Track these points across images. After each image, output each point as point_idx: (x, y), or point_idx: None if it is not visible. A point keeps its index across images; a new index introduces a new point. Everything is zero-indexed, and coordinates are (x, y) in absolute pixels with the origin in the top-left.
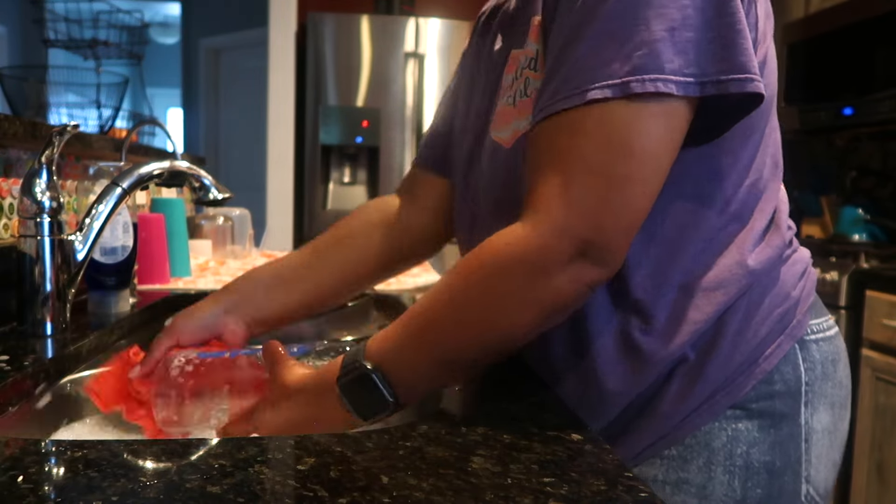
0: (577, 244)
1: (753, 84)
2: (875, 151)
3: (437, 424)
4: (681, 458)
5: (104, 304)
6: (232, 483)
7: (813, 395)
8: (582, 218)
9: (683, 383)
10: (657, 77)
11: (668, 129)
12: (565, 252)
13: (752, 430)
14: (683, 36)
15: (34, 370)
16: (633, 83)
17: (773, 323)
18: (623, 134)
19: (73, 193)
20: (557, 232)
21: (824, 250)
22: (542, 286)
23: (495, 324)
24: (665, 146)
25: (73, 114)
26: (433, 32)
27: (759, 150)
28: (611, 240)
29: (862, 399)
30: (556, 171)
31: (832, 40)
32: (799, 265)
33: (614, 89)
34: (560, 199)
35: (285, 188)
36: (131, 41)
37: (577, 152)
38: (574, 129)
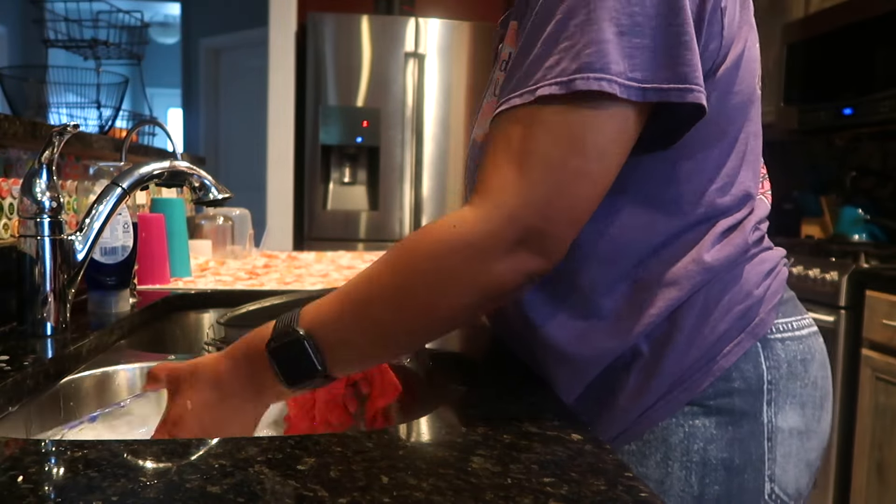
0: (522, 232)
1: (693, 94)
2: (875, 151)
3: (437, 424)
4: (640, 453)
5: (104, 304)
6: (232, 483)
7: (777, 393)
8: (531, 207)
9: (640, 378)
10: (602, 76)
11: (619, 129)
12: (509, 239)
13: (709, 427)
14: (631, 41)
15: (34, 370)
16: (578, 80)
17: (733, 320)
18: (577, 130)
19: (73, 193)
20: (504, 218)
21: (824, 250)
22: (482, 270)
23: (433, 304)
24: (615, 145)
25: (73, 114)
26: (433, 32)
27: (730, 156)
28: (556, 231)
29: (862, 399)
30: (510, 160)
31: (832, 40)
32: (766, 264)
33: (561, 86)
34: (510, 187)
35: (285, 188)
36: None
37: (533, 144)
38: (530, 122)
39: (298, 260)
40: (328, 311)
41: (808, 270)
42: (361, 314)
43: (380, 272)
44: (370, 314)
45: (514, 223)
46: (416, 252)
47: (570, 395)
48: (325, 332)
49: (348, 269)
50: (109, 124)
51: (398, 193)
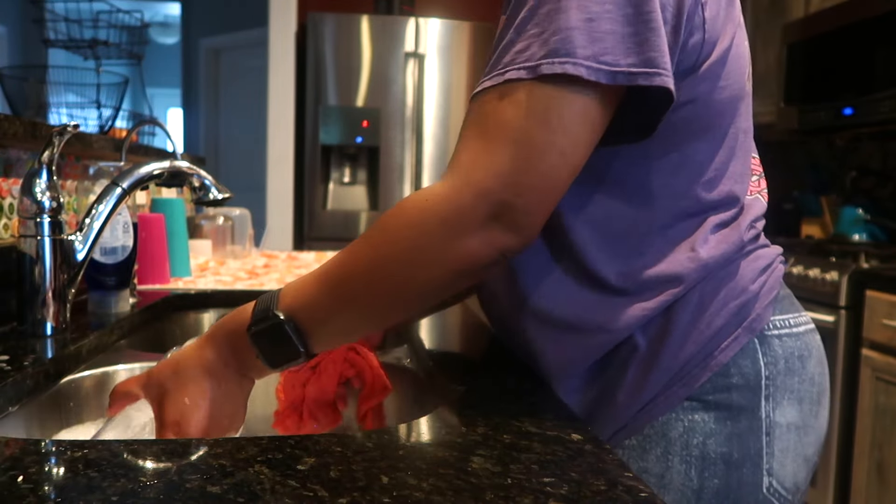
0: (493, 205)
1: (661, 78)
2: (875, 151)
3: (437, 424)
4: (640, 448)
5: (104, 304)
6: (232, 483)
7: (775, 389)
8: (499, 179)
9: (638, 373)
10: (567, 60)
11: (585, 112)
12: (480, 212)
13: (708, 422)
14: (601, 27)
15: (34, 370)
16: (544, 65)
17: (729, 315)
18: (542, 105)
19: (73, 193)
20: (474, 191)
21: (824, 250)
22: (454, 245)
23: (408, 279)
24: (583, 123)
25: (73, 114)
26: (433, 32)
27: (718, 150)
28: (526, 205)
29: (862, 399)
30: (479, 135)
31: (832, 40)
32: (762, 260)
33: (528, 70)
34: (480, 161)
35: (285, 188)
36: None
37: (500, 119)
38: (498, 101)
39: (298, 260)
40: (307, 292)
41: (808, 270)
42: (338, 292)
43: (355, 250)
44: (347, 292)
45: (484, 197)
46: (389, 228)
47: (569, 386)
48: (305, 313)
49: None
50: (109, 124)
51: (398, 193)
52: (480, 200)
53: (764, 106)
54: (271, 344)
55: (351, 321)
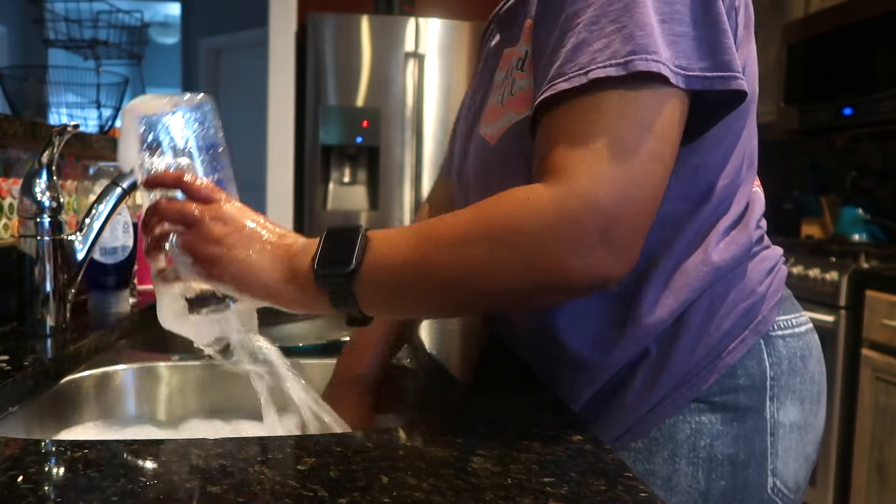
0: (601, 220)
1: (737, 82)
2: (875, 151)
3: (437, 424)
4: (646, 451)
5: (104, 304)
6: (232, 483)
7: (779, 389)
8: (608, 191)
9: (647, 376)
10: (658, 59)
11: (680, 114)
12: (588, 228)
13: (715, 423)
14: (673, 29)
15: (34, 370)
16: (636, 61)
17: (737, 317)
18: (645, 111)
19: (73, 193)
20: (583, 202)
21: (824, 250)
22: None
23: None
24: (679, 130)
25: (73, 114)
26: (433, 32)
27: (733, 152)
28: (632, 220)
29: (862, 399)
30: (578, 145)
31: (832, 40)
32: (767, 262)
33: (618, 67)
34: (587, 169)
35: (285, 188)
36: (131, 41)
37: (602, 127)
38: (591, 107)
39: None
40: (396, 237)
41: (808, 270)
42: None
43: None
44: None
45: (592, 208)
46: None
47: (580, 400)
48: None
49: None
50: (109, 124)
51: (398, 193)
52: (590, 213)
53: (764, 106)
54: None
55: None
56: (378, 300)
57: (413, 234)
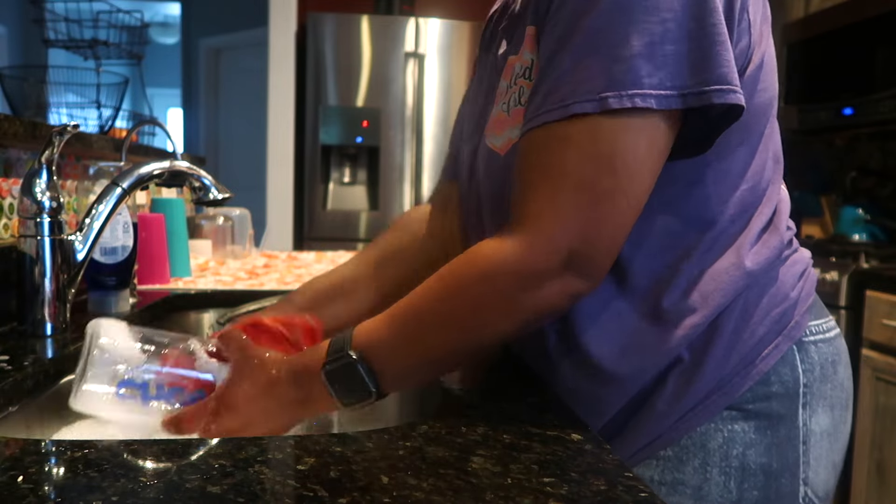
0: (565, 257)
1: (734, 95)
2: (875, 151)
3: (437, 424)
4: (676, 459)
5: (104, 304)
6: (232, 483)
7: (811, 396)
8: (569, 231)
9: (679, 383)
10: (636, 92)
11: (651, 143)
12: (554, 264)
13: (748, 432)
14: (664, 49)
15: (34, 370)
16: (610, 98)
17: (771, 323)
18: (607, 148)
19: (73, 193)
20: (545, 245)
21: (824, 250)
22: (529, 297)
23: (480, 328)
24: (649, 160)
25: (73, 114)
26: (433, 32)
27: (757, 153)
28: (597, 252)
29: (862, 399)
30: (544, 184)
31: (832, 40)
32: (798, 266)
33: (594, 104)
34: (548, 212)
35: (285, 188)
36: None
37: (565, 166)
38: (561, 141)
39: (298, 260)
40: (380, 334)
41: None
42: (411, 339)
43: (427, 297)
44: (418, 337)
45: (555, 249)
46: (462, 279)
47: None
48: (378, 355)
49: None
50: (109, 124)
51: (398, 193)
52: (552, 253)
53: None
54: (344, 382)
55: (421, 364)
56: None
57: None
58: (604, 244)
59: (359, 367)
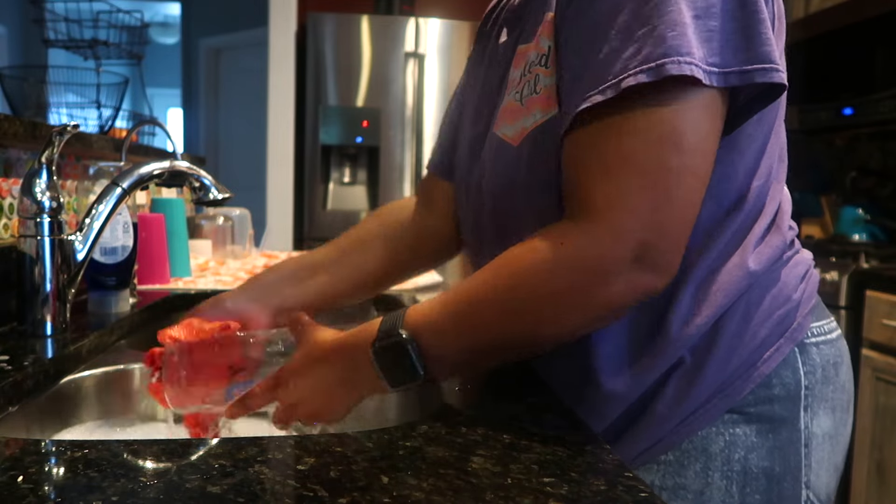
0: (635, 248)
1: (778, 74)
2: (875, 151)
3: (437, 424)
4: (678, 464)
5: (104, 304)
6: (232, 483)
7: (813, 399)
8: (639, 219)
9: (680, 386)
10: (691, 61)
11: (712, 119)
12: (624, 258)
13: (750, 435)
14: (707, 24)
15: (34, 370)
16: (668, 65)
17: (773, 325)
18: (669, 127)
19: (73, 193)
20: (615, 235)
21: (824, 250)
22: (596, 292)
23: (540, 322)
24: (711, 136)
25: (73, 114)
26: (433, 32)
27: (766, 150)
28: (669, 241)
29: (862, 399)
30: (607, 172)
31: (832, 40)
32: (801, 267)
33: (649, 73)
34: (615, 201)
35: (285, 188)
36: (131, 41)
37: (628, 152)
38: (620, 128)
39: None
40: (433, 317)
41: None
42: (466, 325)
43: (486, 286)
44: (474, 326)
45: (624, 240)
46: (524, 269)
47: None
48: (429, 337)
49: None
50: (109, 124)
51: (398, 193)
52: (621, 244)
53: None
54: (393, 362)
55: (474, 352)
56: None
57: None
58: (675, 231)
59: (409, 347)
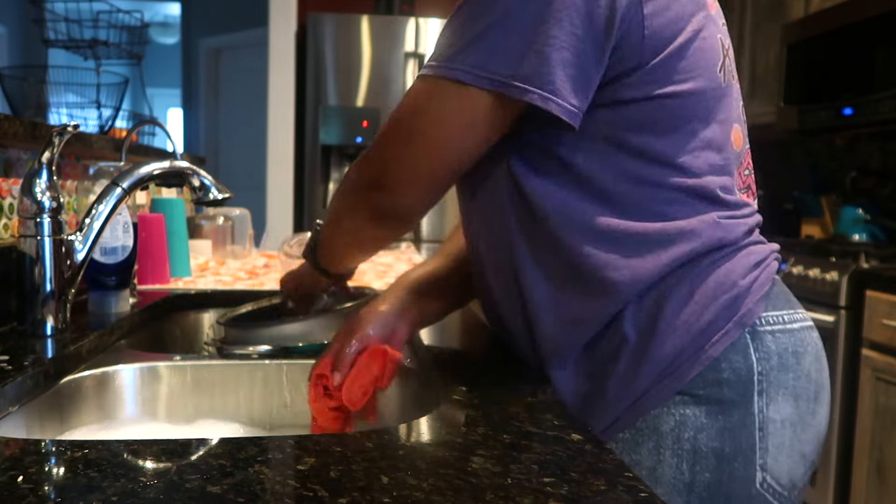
0: (370, 178)
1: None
2: (875, 151)
3: (437, 424)
4: (633, 441)
5: (104, 304)
6: (232, 483)
7: (768, 384)
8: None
9: (629, 366)
10: (456, 67)
11: (462, 109)
12: (363, 181)
13: (699, 416)
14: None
15: (34, 370)
16: (439, 67)
17: (719, 310)
18: (422, 98)
19: (73, 193)
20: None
21: (824, 250)
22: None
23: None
24: (457, 120)
25: (73, 114)
26: (433, 32)
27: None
28: (392, 182)
29: (862, 399)
30: (388, 119)
31: (832, 40)
32: (754, 256)
33: (429, 69)
34: (377, 139)
35: (285, 188)
36: (131, 41)
37: (399, 108)
38: (410, 94)
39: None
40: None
41: (808, 270)
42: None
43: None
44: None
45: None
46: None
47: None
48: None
49: None
50: (109, 124)
51: None
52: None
53: (764, 106)
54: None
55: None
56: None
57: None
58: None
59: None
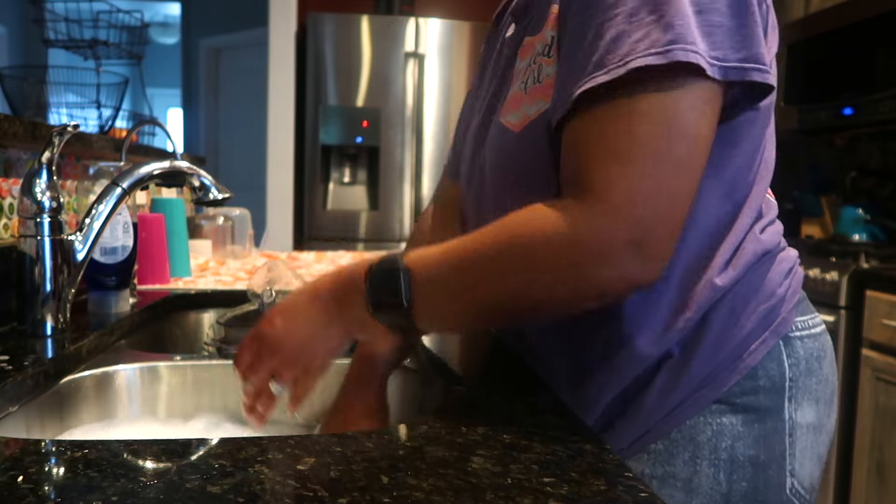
0: (632, 231)
1: (768, 76)
2: (875, 151)
3: (437, 424)
4: (667, 453)
5: (104, 304)
6: (232, 483)
7: (797, 390)
8: (639, 203)
9: (668, 378)
10: (696, 50)
11: (711, 111)
12: (619, 240)
13: (736, 425)
14: (710, 19)
15: (34, 370)
16: (676, 51)
17: (758, 319)
18: (673, 113)
19: (73, 193)
20: (615, 216)
21: (824, 250)
22: (588, 271)
23: (529, 284)
24: (711, 128)
25: (73, 114)
26: (433, 32)
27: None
28: (665, 229)
29: (862, 399)
30: (614, 155)
31: (832, 40)
32: (785, 263)
33: (658, 56)
34: (619, 183)
35: (285, 188)
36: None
37: (635, 135)
38: (624, 108)
39: (298, 260)
40: (432, 259)
41: (808, 270)
42: (458, 274)
43: (485, 239)
44: (465, 272)
45: (625, 223)
46: (526, 232)
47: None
48: (422, 271)
49: None
50: (109, 124)
51: (398, 193)
52: (620, 226)
53: None
54: (382, 280)
55: (459, 301)
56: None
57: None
58: (669, 222)
59: (401, 272)
